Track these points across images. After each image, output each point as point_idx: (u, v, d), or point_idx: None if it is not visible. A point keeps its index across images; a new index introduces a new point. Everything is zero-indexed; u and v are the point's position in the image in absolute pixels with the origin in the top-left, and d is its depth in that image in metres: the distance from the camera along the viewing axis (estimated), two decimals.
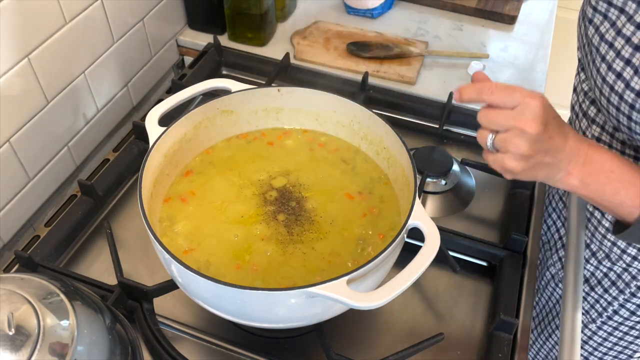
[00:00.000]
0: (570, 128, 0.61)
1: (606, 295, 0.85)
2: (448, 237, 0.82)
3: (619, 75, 0.62)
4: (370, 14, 1.23)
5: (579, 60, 0.78)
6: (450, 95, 1.02)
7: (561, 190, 0.94)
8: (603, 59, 0.64)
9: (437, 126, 1.01)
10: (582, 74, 0.78)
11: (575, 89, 0.83)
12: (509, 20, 1.25)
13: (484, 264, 0.84)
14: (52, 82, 0.85)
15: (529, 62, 1.16)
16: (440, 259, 0.71)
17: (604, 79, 0.64)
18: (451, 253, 0.80)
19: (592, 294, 0.87)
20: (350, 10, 1.24)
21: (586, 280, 0.87)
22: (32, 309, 0.52)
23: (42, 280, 0.56)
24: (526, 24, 1.26)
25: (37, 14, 0.79)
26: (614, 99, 0.63)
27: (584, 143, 0.61)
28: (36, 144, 0.85)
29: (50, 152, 0.89)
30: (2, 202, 0.82)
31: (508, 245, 0.81)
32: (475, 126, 0.99)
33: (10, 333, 0.50)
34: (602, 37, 0.64)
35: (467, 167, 0.94)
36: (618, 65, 0.62)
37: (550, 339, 1.00)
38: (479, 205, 0.92)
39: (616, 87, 0.63)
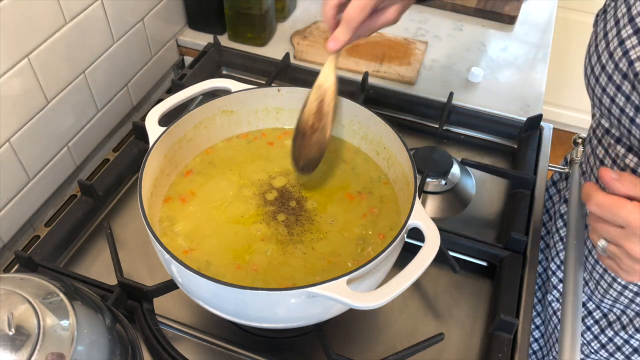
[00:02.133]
0: None
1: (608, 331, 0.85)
2: (448, 237, 0.82)
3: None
4: None
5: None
6: (451, 95, 1.02)
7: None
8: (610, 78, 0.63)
9: (437, 126, 1.01)
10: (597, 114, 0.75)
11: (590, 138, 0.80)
12: (509, 20, 1.25)
13: (484, 264, 0.84)
14: (52, 82, 0.85)
15: (529, 62, 1.16)
16: (440, 259, 0.72)
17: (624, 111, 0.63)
18: (451, 253, 0.80)
19: (594, 329, 0.86)
20: None
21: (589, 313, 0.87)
22: (32, 309, 0.52)
23: (42, 280, 0.56)
24: (526, 24, 1.27)
25: (37, 14, 0.79)
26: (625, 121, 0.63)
27: None
28: (36, 144, 0.85)
29: (50, 152, 0.89)
30: (2, 202, 0.82)
31: (508, 245, 0.81)
32: (475, 126, 1.02)
33: (10, 333, 0.50)
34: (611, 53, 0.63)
35: (467, 167, 0.94)
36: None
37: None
38: (479, 205, 0.92)
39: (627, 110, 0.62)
